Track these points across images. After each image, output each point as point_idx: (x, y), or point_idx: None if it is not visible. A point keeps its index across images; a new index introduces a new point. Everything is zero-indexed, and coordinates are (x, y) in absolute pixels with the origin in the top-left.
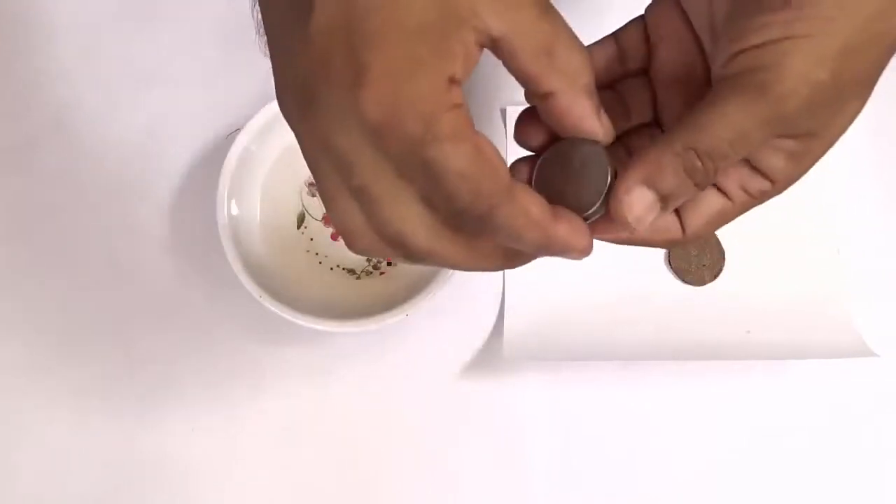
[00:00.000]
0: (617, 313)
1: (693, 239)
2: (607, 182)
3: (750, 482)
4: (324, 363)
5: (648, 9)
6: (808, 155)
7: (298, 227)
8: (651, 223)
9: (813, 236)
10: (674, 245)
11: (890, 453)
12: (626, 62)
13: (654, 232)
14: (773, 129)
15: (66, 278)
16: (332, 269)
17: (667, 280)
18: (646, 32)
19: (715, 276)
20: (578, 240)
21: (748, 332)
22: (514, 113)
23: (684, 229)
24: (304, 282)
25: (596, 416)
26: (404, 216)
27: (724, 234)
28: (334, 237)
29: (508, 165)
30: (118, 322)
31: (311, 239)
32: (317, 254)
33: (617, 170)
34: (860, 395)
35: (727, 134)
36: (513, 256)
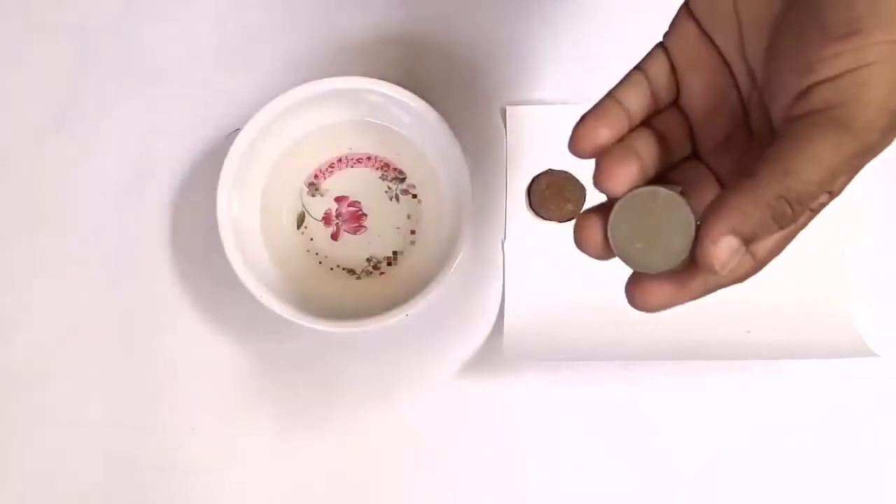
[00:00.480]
0: (617, 313)
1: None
2: (693, 232)
3: (750, 482)
4: (324, 363)
5: (670, 36)
6: (864, 165)
7: (298, 227)
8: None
9: (813, 236)
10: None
11: (890, 453)
12: (658, 96)
13: (731, 271)
14: (858, 162)
15: (66, 278)
16: (332, 269)
17: None
18: (670, 61)
19: None
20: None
21: (748, 332)
22: (514, 113)
23: (754, 258)
24: (304, 282)
25: (596, 416)
26: None
27: None
28: (334, 237)
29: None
30: (118, 322)
31: (311, 239)
32: (317, 254)
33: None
34: (860, 395)
35: (818, 177)
36: None
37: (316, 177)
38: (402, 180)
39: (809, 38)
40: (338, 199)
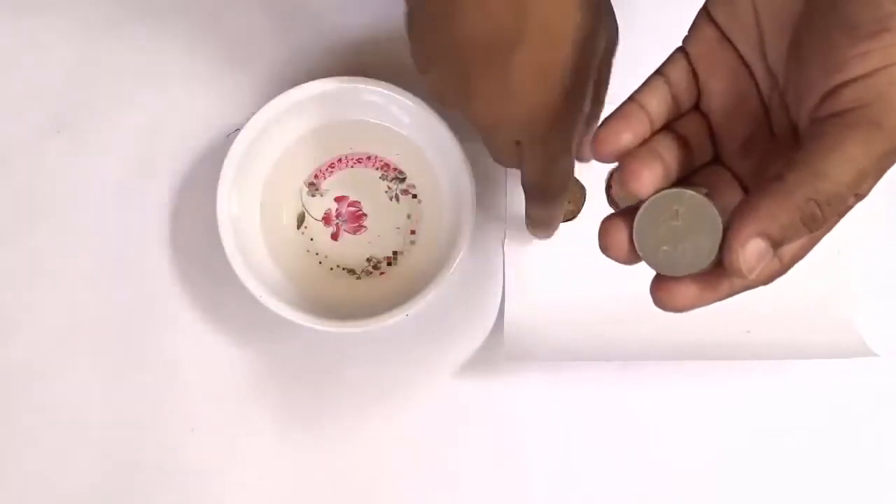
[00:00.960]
0: (617, 313)
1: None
2: (720, 234)
3: (750, 482)
4: (324, 363)
5: (689, 41)
6: (891, 165)
7: (298, 227)
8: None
9: None
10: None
11: (890, 453)
12: (679, 100)
13: (758, 274)
14: (887, 161)
15: (66, 278)
16: (332, 269)
17: None
18: (690, 65)
19: None
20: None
21: (748, 332)
22: None
23: (780, 261)
24: (304, 282)
25: (596, 416)
26: None
27: None
28: (334, 237)
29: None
30: (118, 322)
31: (312, 239)
32: (317, 254)
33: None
34: (860, 395)
35: (848, 177)
36: None
37: (316, 177)
38: (402, 180)
39: (836, 38)
40: (338, 199)
